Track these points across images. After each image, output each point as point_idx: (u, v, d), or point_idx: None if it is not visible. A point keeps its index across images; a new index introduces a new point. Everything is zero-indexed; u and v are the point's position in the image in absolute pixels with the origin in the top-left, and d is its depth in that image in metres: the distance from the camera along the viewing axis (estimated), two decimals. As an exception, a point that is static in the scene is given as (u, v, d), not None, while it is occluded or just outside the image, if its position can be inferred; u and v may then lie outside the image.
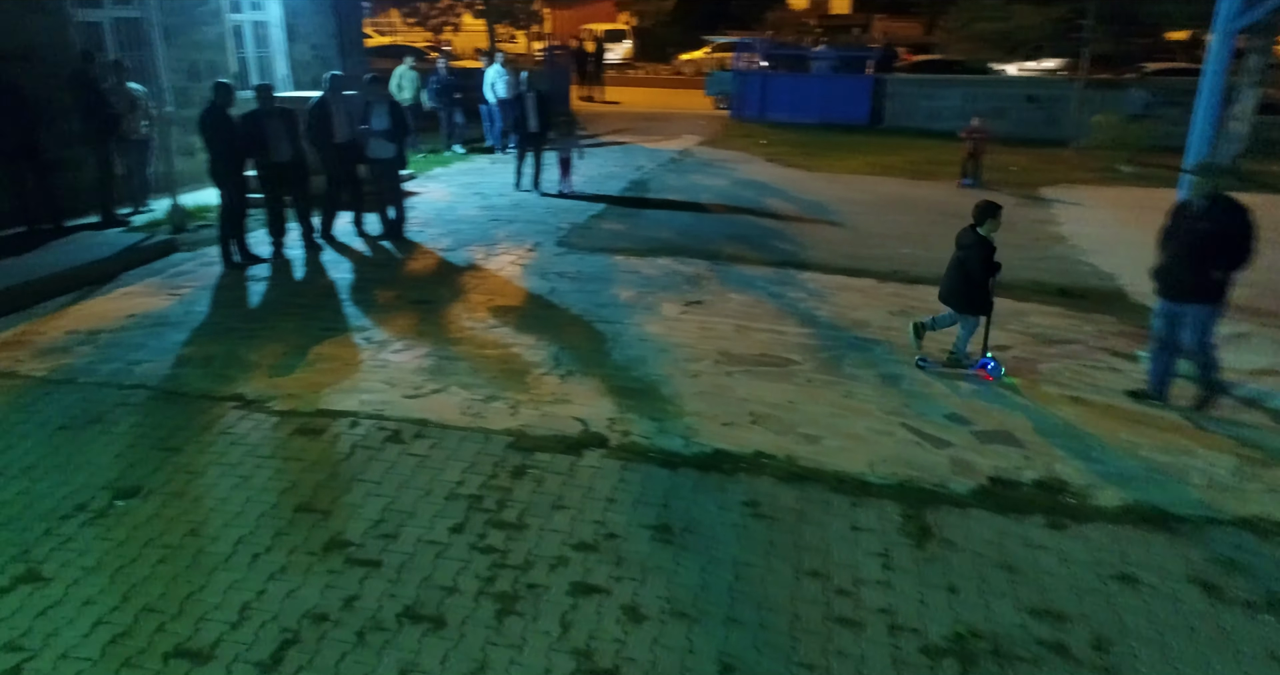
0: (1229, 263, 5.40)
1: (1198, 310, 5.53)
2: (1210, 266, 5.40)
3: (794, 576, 4.14)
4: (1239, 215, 5.36)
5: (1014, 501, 4.71)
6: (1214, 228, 5.36)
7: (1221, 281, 5.45)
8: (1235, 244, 5.34)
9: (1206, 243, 5.39)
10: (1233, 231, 5.33)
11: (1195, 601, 3.99)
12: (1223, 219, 5.36)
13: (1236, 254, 5.35)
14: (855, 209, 11.57)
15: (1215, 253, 5.38)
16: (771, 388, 6.01)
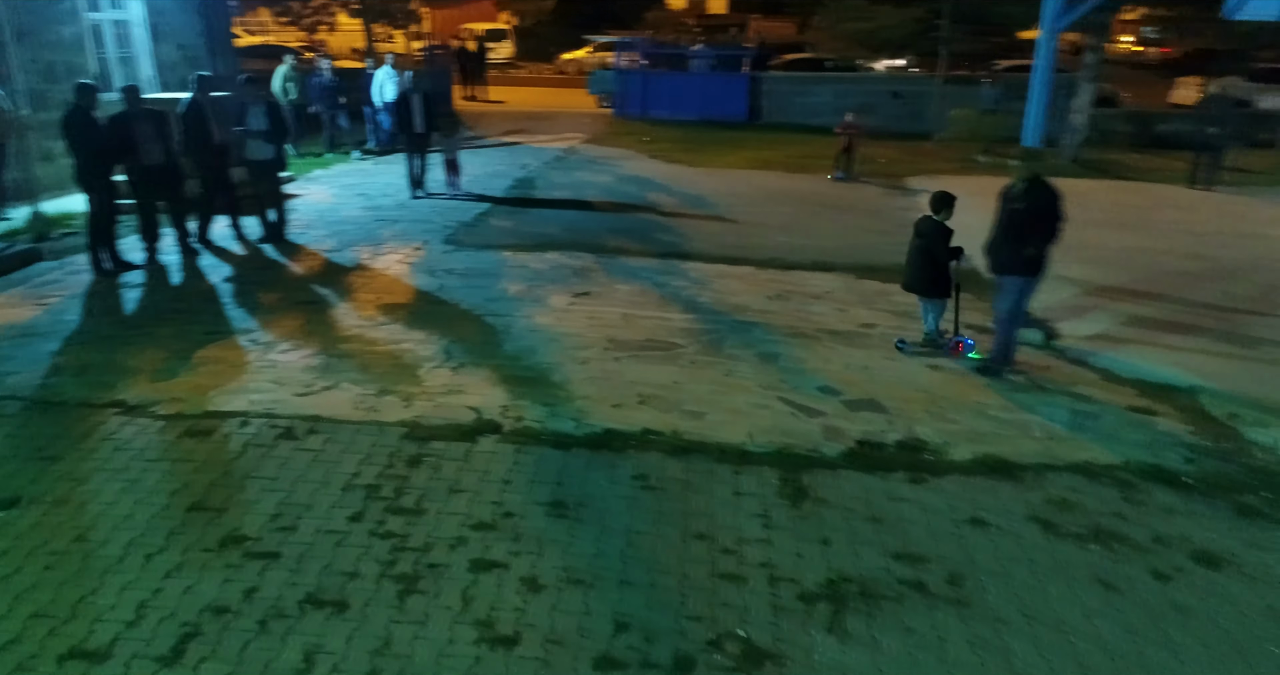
0: (1041, 239, 5.97)
1: (1013, 281, 6.10)
2: (1025, 243, 5.97)
3: (682, 540, 4.42)
4: (1050, 197, 5.96)
5: (879, 461, 5.14)
6: (1029, 208, 5.95)
7: (1035, 257, 6.01)
8: (1046, 223, 5.93)
9: (1023, 222, 5.97)
10: (1045, 211, 5.92)
11: (1034, 537, 4.48)
12: (1037, 200, 5.95)
13: (1047, 232, 5.94)
14: (735, 201, 12.04)
15: (1030, 231, 5.96)
16: (657, 370, 6.31)
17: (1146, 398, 6.03)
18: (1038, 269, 6.10)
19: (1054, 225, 5.98)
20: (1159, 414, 5.78)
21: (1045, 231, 5.99)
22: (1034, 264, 6.06)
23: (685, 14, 41.00)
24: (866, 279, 8.73)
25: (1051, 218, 5.96)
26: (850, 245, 9.94)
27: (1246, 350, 6.76)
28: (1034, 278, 6.14)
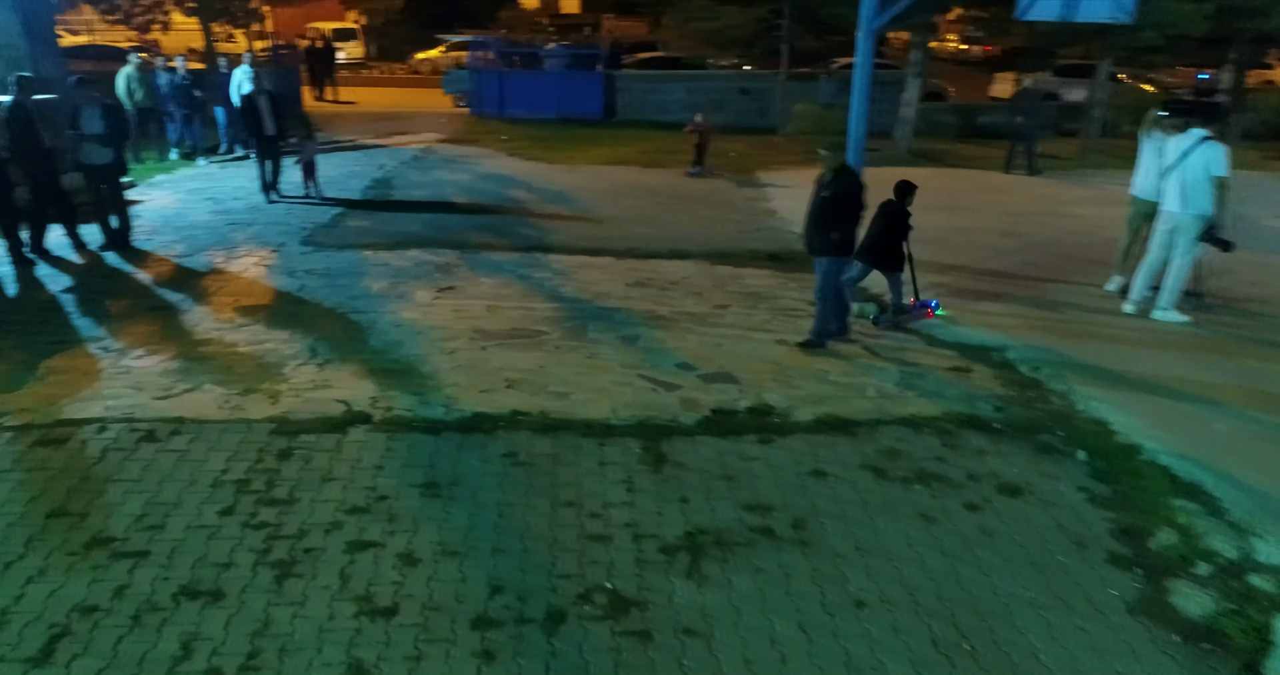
0: (845, 224, 6.50)
1: (825, 262, 6.63)
2: (831, 227, 6.51)
3: (551, 508, 4.71)
4: (853, 184, 6.51)
5: (732, 426, 5.58)
6: (834, 195, 6.49)
7: (840, 240, 6.54)
8: (850, 208, 6.48)
9: (828, 207, 6.51)
10: (848, 198, 6.48)
11: (867, 482, 5.01)
12: (841, 188, 6.50)
13: (851, 217, 6.49)
14: (593, 196, 12.38)
15: (835, 216, 6.49)
16: (523, 356, 6.56)
17: (964, 358, 6.75)
18: (846, 250, 6.66)
19: (857, 211, 6.53)
20: (974, 371, 6.49)
21: (849, 216, 6.51)
22: (841, 246, 6.60)
23: (539, 13, 41.10)
24: (720, 265, 9.24)
25: (854, 204, 6.51)
26: (704, 234, 10.45)
27: (1048, 313, 7.63)
28: (843, 258, 6.70)
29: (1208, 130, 7.01)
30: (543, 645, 3.77)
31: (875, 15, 7.38)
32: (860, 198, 6.53)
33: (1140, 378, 6.17)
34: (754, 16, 18.54)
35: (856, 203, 6.51)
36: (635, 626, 3.90)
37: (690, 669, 3.67)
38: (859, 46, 7.58)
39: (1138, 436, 5.28)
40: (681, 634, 3.86)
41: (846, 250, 6.66)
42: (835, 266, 6.66)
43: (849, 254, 6.72)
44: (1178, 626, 3.96)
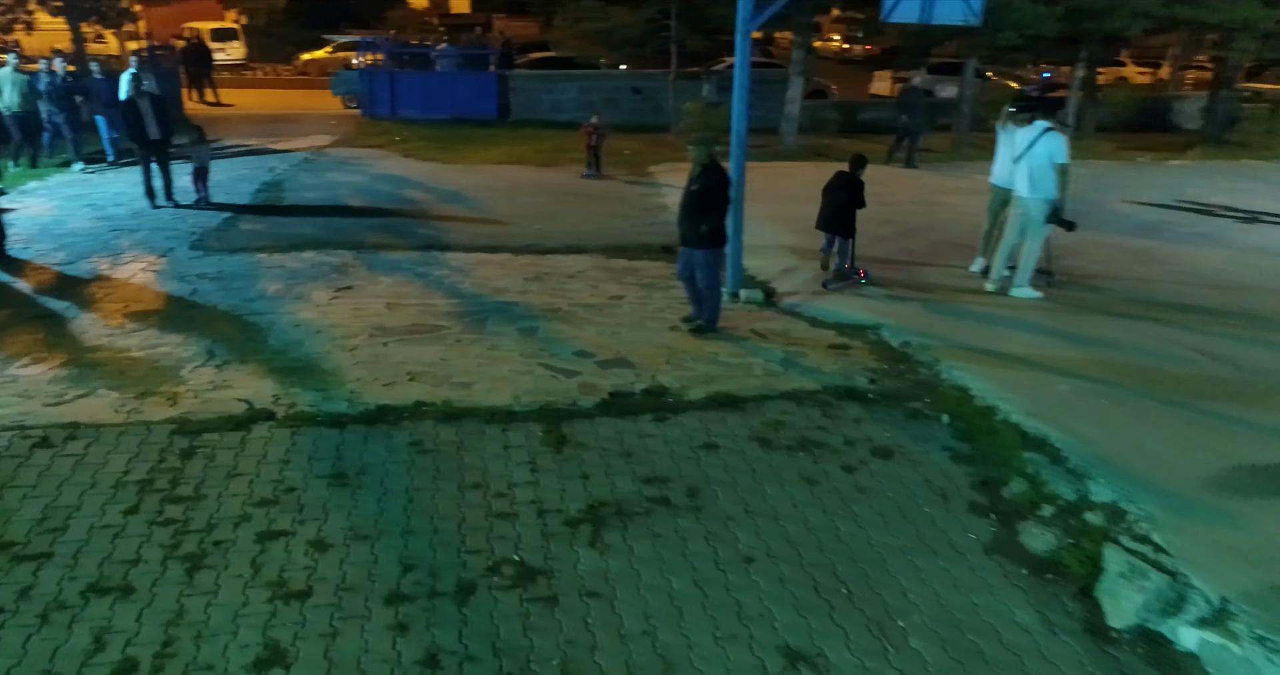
0: (714, 216, 6.81)
1: (701, 255, 6.95)
2: (701, 220, 6.82)
3: (458, 491, 4.92)
4: (717, 177, 6.82)
5: (629, 407, 5.89)
6: (702, 189, 6.83)
7: (710, 232, 6.86)
8: (717, 201, 6.83)
9: (697, 200, 6.83)
10: (714, 190, 6.81)
11: (755, 452, 5.40)
12: (707, 181, 6.82)
13: (716, 208, 6.84)
14: (490, 195, 12.51)
15: (704, 208, 6.81)
16: (425, 350, 6.71)
17: (843, 337, 7.24)
18: (718, 241, 6.98)
19: (723, 203, 6.85)
20: (851, 349, 6.99)
21: (716, 208, 6.84)
22: (712, 237, 6.91)
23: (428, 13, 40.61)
24: (615, 258, 9.55)
25: (721, 197, 6.83)
26: (600, 229, 10.74)
27: (919, 293, 8.22)
28: (716, 249, 7.02)
29: (1049, 122, 7.71)
30: (454, 615, 3.99)
31: (751, 18, 7.80)
32: (725, 191, 6.86)
33: (997, 348, 6.77)
34: (643, 17, 18.93)
35: (723, 196, 6.85)
36: (542, 593, 4.16)
37: (595, 627, 3.95)
38: (737, 47, 7.97)
39: (993, 399, 5.83)
40: (586, 597, 4.14)
41: (719, 241, 7.00)
42: (712, 257, 7.00)
43: (721, 244, 7.07)
44: (1026, 561, 4.47)
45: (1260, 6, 16.23)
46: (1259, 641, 3.59)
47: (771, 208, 11.93)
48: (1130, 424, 5.46)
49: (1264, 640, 3.59)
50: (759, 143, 18.14)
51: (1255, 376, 6.28)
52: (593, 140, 14.33)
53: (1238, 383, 6.14)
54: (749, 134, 7.94)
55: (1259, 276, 9.02)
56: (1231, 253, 10.03)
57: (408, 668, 3.69)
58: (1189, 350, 6.77)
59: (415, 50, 21.81)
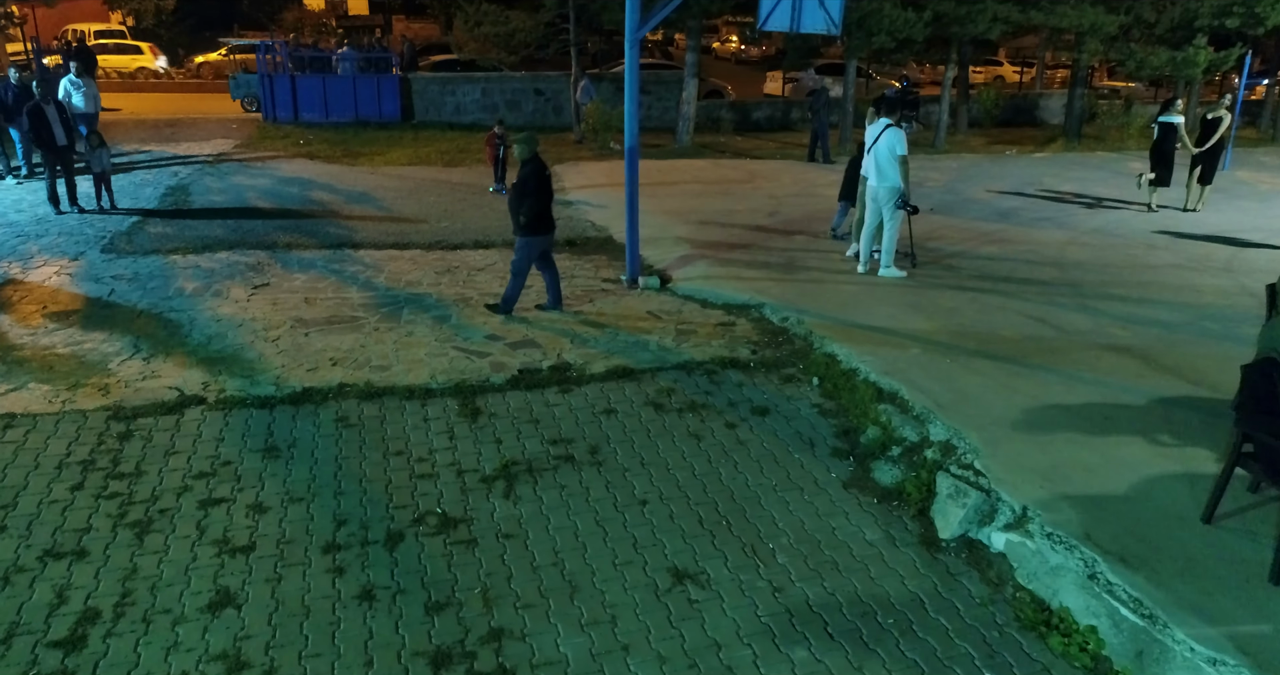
0: (525, 207, 7.41)
1: (518, 240, 7.61)
2: (518, 211, 7.45)
3: (383, 457, 5.47)
4: (529, 173, 7.40)
5: (536, 381, 6.53)
6: (519, 182, 7.45)
7: (524, 222, 7.45)
8: (525, 193, 7.39)
9: (515, 194, 7.47)
10: (525, 184, 7.40)
11: (649, 415, 6.10)
12: (522, 176, 7.44)
13: (527, 200, 7.39)
14: (396, 195, 12.92)
15: (519, 200, 7.43)
16: (344, 338, 7.19)
17: (730, 315, 8.03)
18: (531, 230, 7.54)
19: (533, 195, 7.40)
20: (737, 325, 7.78)
21: (527, 200, 7.40)
22: (527, 226, 7.50)
23: (325, 14, 40.06)
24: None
25: (529, 190, 7.40)
26: (504, 226, 11.26)
27: (796, 276, 9.09)
28: (531, 238, 7.59)
29: (890, 119, 8.68)
30: (386, 558, 4.57)
31: (638, 27, 8.51)
32: (530, 185, 7.40)
33: (862, 321, 7.65)
34: (541, 20, 19.54)
35: (530, 189, 7.41)
36: (463, 537, 4.77)
37: (510, 562, 4.59)
38: (627, 54, 8.68)
39: (855, 363, 6.68)
40: (502, 538, 4.77)
41: (531, 230, 7.55)
42: (527, 244, 7.59)
43: (537, 233, 7.60)
44: (876, 492, 5.31)
45: (1105, 13, 17.91)
46: (1047, 537, 4.49)
47: (667, 202, 12.73)
48: (965, 377, 6.39)
49: (1051, 535, 4.48)
50: (656, 142, 19.03)
51: (1072, 336, 7.33)
52: (498, 151, 13.28)
53: (1057, 342, 7.17)
54: (646, 133, 8.66)
55: (1091, 254, 10.24)
56: (1072, 234, 11.29)
57: (347, 602, 4.26)
58: (1021, 316, 7.81)
59: (313, 54, 21.78)
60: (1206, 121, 12.64)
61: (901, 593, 4.46)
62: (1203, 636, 3.72)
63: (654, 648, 4.05)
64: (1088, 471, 5.09)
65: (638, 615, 4.24)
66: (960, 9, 16.63)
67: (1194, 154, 12.67)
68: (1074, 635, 4.09)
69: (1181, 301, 8.41)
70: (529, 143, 7.57)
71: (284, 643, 3.99)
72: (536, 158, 7.57)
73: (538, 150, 7.65)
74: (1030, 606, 4.32)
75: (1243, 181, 15.78)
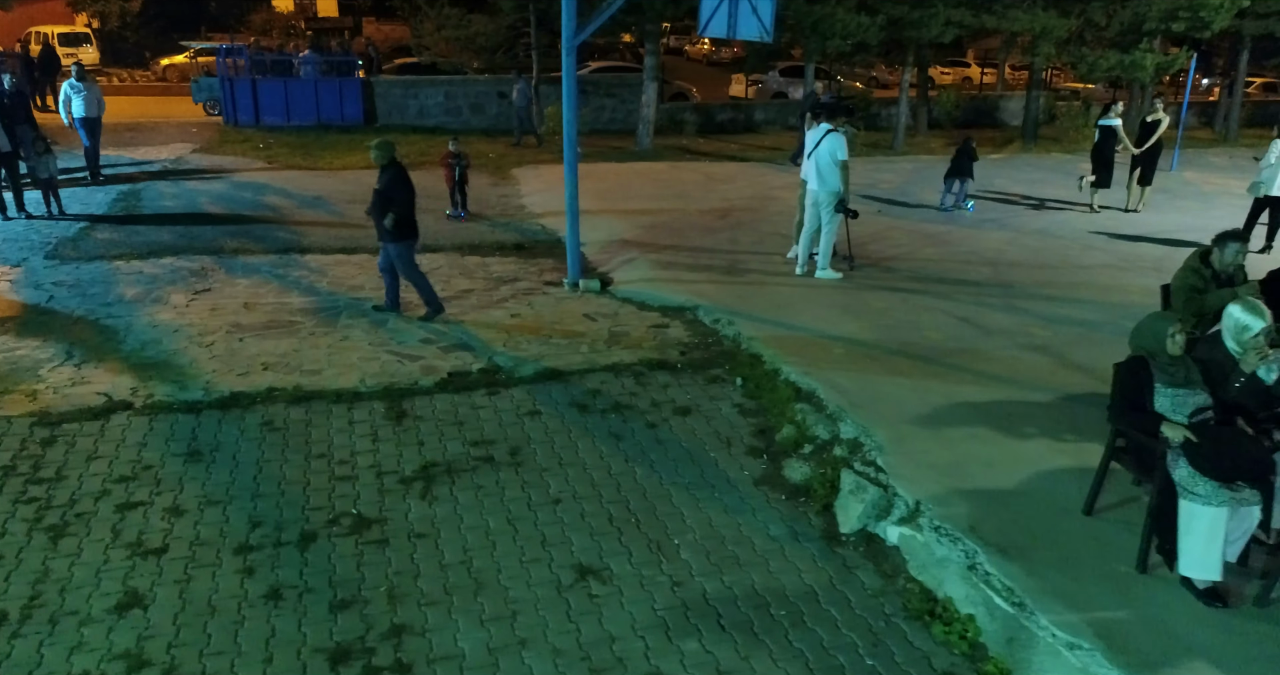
0: (393, 211, 7.46)
1: (394, 249, 7.65)
2: (384, 216, 7.52)
3: (304, 460, 5.57)
4: (392, 177, 7.49)
5: (465, 384, 6.64)
6: (382, 188, 7.52)
7: (393, 226, 7.51)
8: (392, 198, 7.48)
9: (380, 199, 7.52)
10: (390, 189, 7.47)
11: (573, 416, 6.24)
12: (385, 181, 7.52)
13: (395, 204, 7.46)
14: (351, 199, 12.96)
15: (385, 206, 7.49)
16: (279, 343, 7.28)
17: (665, 318, 8.18)
18: (403, 235, 7.59)
19: (400, 199, 7.49)
20: (670, 327, 7.93)
21: (395, 205, 7.47)
22: (398, 231, 7.54)
23: (294, 17, 39.93)
24: (470, 256, 10.25)
25: (396, 194, 7.48)
26: (456, 230, 11.41)
27: (736, 278, 9.25)
28: (405, 242, 7.64)
29: (831, 124, 8.86)
30: (296, 558, 4.68)
31: (575, 34, 8.65)
32: (397, 189, 7.47)
33: (792, 322, 7.82)
34: (503, 24, 19.62)
35: (397, 193, 7.49)
36: (376, 537, 4.88)
37: (420, 560, 4.71)
38: (564, 61, 8.82)
39: (779, 363, 6.84)
40: (414, 538, 4.89)
41: (403, 234, 7.62)
42: (404, 250, 7.67)
43: (407, 238, 7.67)
44: (785, 489, 5.46)
45: (1057, 16, 18.23)
46: (935, 530, 4.66)
47: (621, 205, 12.87)
48: (882, 376, 6.57)
49: (939, 528, 4.66)
50: (617, 144, 19.19)
51: (994, 336, 7.53)
52: (454, 173, 11.94)
53: (978, 341, 7.37)
54: (609, 136, 8.79)
55: (1028, 254, 10.48)
56: (1013, 234, 11.53)
57: (253, 601, 4.36)
58: (948, 317, 8.00)
59: (275, 57, 21.76)
60: (1145, 124, 12.93)
61: (797, 586, 4.62)
62: (1065, 622, 3.90)
63: (550, 642, 4.18)
64: (986, 467, 5.27)
65: (538, 611, 4.37)
66: (914, 13, 16.88)
67: (1134, 155, 12.96)
68: (954, 624, 4.25)
69: (1107, 301, 8.64)
70: (385, 148, 7.62)
71: (187, 642, 4.08)
72: (395, 162, 7.64)
73: (395, 155, 7.71)
74: (918, 597, 4.49)
75: (1189, 182, 16.13)
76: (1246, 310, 4.32)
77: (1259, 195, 10.69)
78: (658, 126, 21.19)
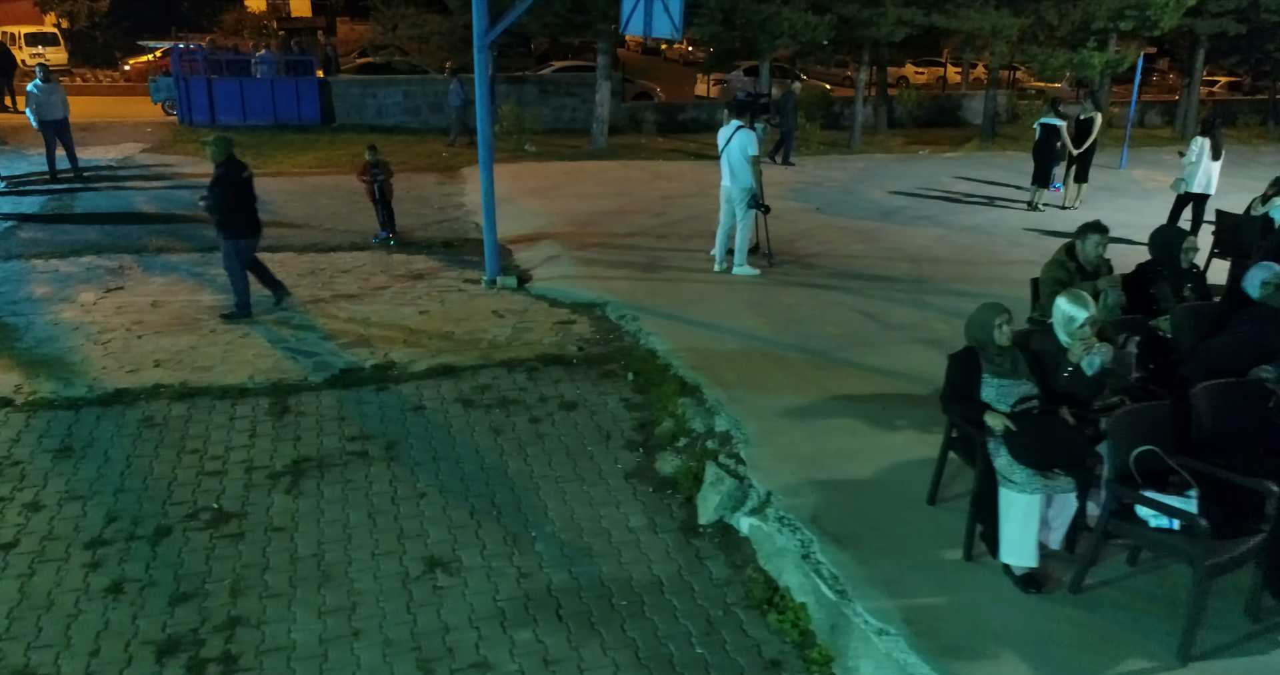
0: (217, 209, 7.52)
1: (223, 245, 7.68)
2: (212, 213, 7.56)
3: (177, 456, 5.58)
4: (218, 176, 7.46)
5: (355, 380, 6.66)
6: (213, 185, 7.49)
7: (220, 223, 7.54)
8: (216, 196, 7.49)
9: (214, 197, 7.52)
10: (215, 187, 7.47)
11: (457, 411, 6.26)
12: (214, 178, 7.49)
13: (220, 202, 7.49)
14: (290, 198, 12.97)
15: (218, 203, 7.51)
16: (177, 340, 7.29)
17: (574, 314, 8.21)
18: (232, 233, 7.63)
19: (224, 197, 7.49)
20: (576, 323, 7.96)
21: (220, 202, 7.48)
22: (234, 229, 7.60)
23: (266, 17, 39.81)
24: (396, 253, 10.26)
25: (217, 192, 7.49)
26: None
27: (654, 275, 9.28)
28: (234, 240, 7.63)
29: (740, 121, 8.91)
30: (146, 552, 4.69)
31: (485, 33, 8.68)
32: (219, 188, 7.48)
33: (697, 318, 7.85)
34: (460, 22, 19.61)
35: (219, 191, 7.49)
36: (232, 531, 4.90)
37: (271, 554, 4.73)
38: (475, 59, 8.84)
39: (672, 358, 6.88)
40: (270, 531, 4.91)
41: (238, 233, 7.66)
42: (230, 248, 7.65)
43: (244, 236, 7.70)
44: (655, 482, 5.50)
45: (1010, 15, 18.32)
46: (779, 520, 4.71)
47: (560, 204, 12.89)
48: (769, 371, 6.61)
49: (783, 519, 4.70)
50: (574, 143, 19.20)
51: (893, 330, 7.59)
52: (373, 188, 10.28)
53: (876, 336, 7.43)
54: (566, 135, 8.79)
55: (954, 251, 10.55)
56: (945, 231, 11.60)
57: (94, 595, 4.38)
58: (853, 312, 8.06)
59: (230, 57, 21.71)
60: (1080, 122, 13.02)
61: (645, 576, 4.65)
62: (879, 609, 3.94)
63: (384, 633, 4.20)
64: (846, 458, 5.32)
65: (379, 602, 4.40)
66: (863, 12, 16.95)
67: (1071, 153, 13.05)
68: (788, 612, 4.30)
69: (1016, 296, 8.64)
70: (221, 144, 7.59)
71: (16, 635, 4.10)
72: (232, 159, 7.60)
73: (232, 152, 7.69)
74: (761, 587, 4.53)
75: (1134, 180, 16.24)
76: (1071, 301, 4.37)
77: (1180, 192, 10.79)
78: (619, 126, 21.23)
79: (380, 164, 10.32)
